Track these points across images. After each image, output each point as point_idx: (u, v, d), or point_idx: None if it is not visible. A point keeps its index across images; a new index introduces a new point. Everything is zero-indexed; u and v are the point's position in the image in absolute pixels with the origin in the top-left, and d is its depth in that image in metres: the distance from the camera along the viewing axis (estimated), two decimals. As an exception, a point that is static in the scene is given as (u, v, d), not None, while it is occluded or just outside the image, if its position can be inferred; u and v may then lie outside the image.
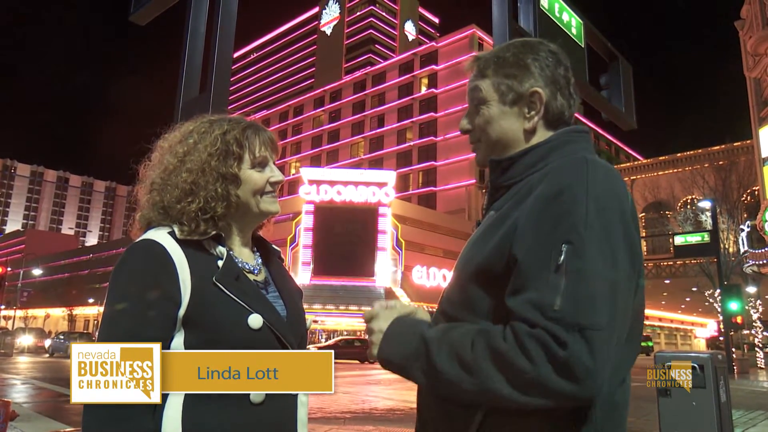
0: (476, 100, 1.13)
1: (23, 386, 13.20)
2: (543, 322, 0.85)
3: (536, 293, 0.88)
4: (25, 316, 54.45)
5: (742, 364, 21.23)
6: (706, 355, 3.60)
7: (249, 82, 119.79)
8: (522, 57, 1.10)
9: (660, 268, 37.09)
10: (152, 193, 1.15)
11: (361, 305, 33.57)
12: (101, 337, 1.03)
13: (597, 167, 0.97)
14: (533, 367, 0.84)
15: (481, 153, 1.15)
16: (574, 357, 0.82)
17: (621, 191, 0.96)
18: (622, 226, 0.93)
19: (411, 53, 60.03)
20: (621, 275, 0.90)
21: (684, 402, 3.49)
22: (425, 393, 1.09)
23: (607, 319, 0.85)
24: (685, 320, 61.36)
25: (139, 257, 1.06)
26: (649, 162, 48.10)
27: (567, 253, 0.88)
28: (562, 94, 1.10)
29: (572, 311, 0.84)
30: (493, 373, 0.87)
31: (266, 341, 1.08)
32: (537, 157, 1.05)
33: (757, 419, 8.59)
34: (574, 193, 0.92)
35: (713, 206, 22.51)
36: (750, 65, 30.53)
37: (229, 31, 4.24)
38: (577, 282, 0.86)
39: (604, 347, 0.83)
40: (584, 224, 0.89)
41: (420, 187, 55.05)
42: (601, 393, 0.85)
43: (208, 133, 1.17)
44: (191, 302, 1.04)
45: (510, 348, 0.86)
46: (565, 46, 6.06)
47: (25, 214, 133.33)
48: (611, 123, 7.55)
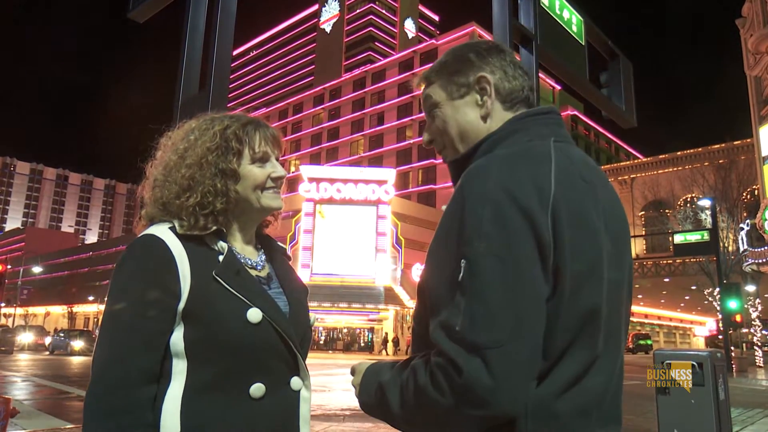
0: (430, 106, 1.12)
1: (24, 383, 13.21)
2: (447, 346, 0.83)
3: (445, 314, 0.86)
4: (25, 313, 54.48)
5: (741, 363, 21.26)
6: (704, 354, 3.61)
7: (248, 79, 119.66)
8: (461, 53, 1.10)
9: (659, 266, 37.11)
10: (154, 190, 1.16)
11: (360, 303, 33.61)
12: (103, 330, 1.04)
13: (504, 165, 0.90)
14: (443, 399, 0.83)
15: (450, 156, 1.11)
16: (471, 380, 0.80)
17: (534, 185, 0.87)
18: (527, 225, 0.84)
19: (411, 51, 59.97)
20: (524, 281, 0.83)
21: (683, 400, 3.49)
22: None
23: (508, 334, 0.81)
24: (684, 319, 61.43)
25: (140, 252, 1.06)
26: (649, 160, 48.10)
27: (464, 269, 0.84)
28: (511, 74, 1.07)
29: (470, 331, 0.81)
30: (419, 410, 0.88)
31: (266, 336, 1.07)
32: (482, 153, 1.00)
33: (755, 417, 8.61)
34: (472, 201, 0.87)
35: (713, 205, 22.50)
36: (750, 63, 30.49)
37: (229, 29, 4.23)
38: (473, 299, 0.82)
39: (505, 363, 0.80)
40: (477, 235, 0.84)
41: (420, 185, 55.05)
42: (516, 408, 0.82)
43: (209, 130, 1.18)
44: (191, 296, 1.04)
45: (426, 382, 0.86)
46: (565, 43, 6.07)
47: (25, 212, 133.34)
48: (611, 121, 7.54)
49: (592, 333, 0.91)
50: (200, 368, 1.04)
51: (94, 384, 1.00)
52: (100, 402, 0.98)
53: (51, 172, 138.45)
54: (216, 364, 1.04)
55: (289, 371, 1.12)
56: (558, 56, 5.80)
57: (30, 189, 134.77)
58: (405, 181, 54.79)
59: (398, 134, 57.62)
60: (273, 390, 1.08)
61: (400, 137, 57.42)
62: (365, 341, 36.00)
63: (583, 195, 0.92)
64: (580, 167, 0.96)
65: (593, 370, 0.91)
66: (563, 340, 0.88)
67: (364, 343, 35.90)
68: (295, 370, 1.13)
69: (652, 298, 45.74)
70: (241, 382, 1.05)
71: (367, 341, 35.95)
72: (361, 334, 36.16)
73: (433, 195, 53.39)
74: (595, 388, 0.91)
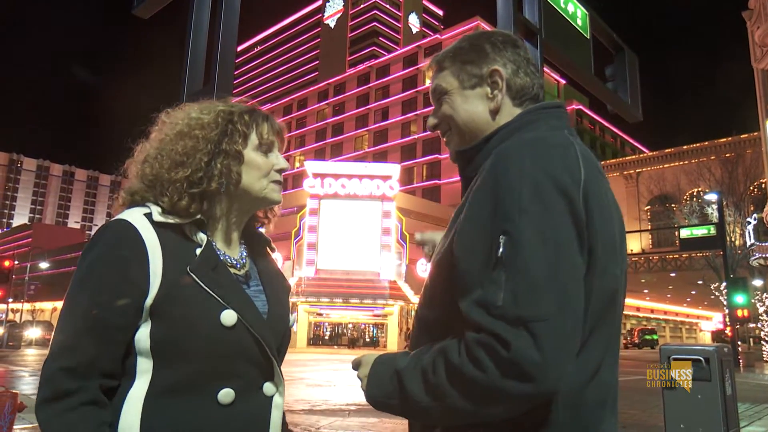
0: (438, 93, 1.12)
1: (31, 378, 13.31)
2: (487, 322, 0.81)
3: (480, 292, 0.84)
4: (32, 309, 54.86)
5: (748, 358, 21.18)
6: (711, 348, 3.59)
7: (253, 75, 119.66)
8: (477, 43, 1.09)
9: (665, 261, 36.94)
10: (143, 165, 1.08)
11: (365, 298, 33.65)
12: (62, 321, 0.97)
13: (539, 146, 0.92)
14: (484, 376, 0.80)
15: (454, 143, 1.12)
16: (519, 355, 0.78)
17: (563, 167, 0.89)
18: (565, 204, 0.86)
19: (415, 46, 59.77)
20: (565, 257, 0.84)
21: (689, 395, 3.48)
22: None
23: (555, 307, 0.80)
24: (691, 313, 61.17)
25: (109, 239, 0.99)
26: (655, 154, 47.81)
27: (504, 244, 0.83)
28: (524, 71, 1.07)
29: (514, 305, 0.80)
30: (452, 392, 0.85)
31: (240, 340, 1.00)
32: (499, 141, 1.00)
33: (763, 412, 8.57)
34: (509, 179, 0.87)
35: (719, 199, 22.39)
36: (758, 56, 30.21)
37: (233, 24, 4.23)
38: (516, 273, 0.81)
39: (552, 337, 0.79)
40: (518, 211, 0.84)
41: (424, 180, 54.97)
42: (559, 387, 0.80)
43: (212, 110, 1.13)
44: (160, 292, 0.96)
45: (462, 361, 0.83)
46: (570, 37, 6.03)
47: (32, 207, 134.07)
48: (617, 115, 7.50)
49: (610, 320, 0.93)
50: (166, 369, 0.97)
51: (47, 363, 0.95)
52: (49, 382, 0.93)
53: (57, 168, 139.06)
54: (183, 366, 0.97)
55: (263, 376, 1.05)
56: (563, 50, 5.77)
57: (36, 185, 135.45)
58: (410, 176, 54.72)
59: (403, 129, 57.52)
60: (243, 395, 1.01)
61: (404, 132, 57.32)
62: (370, 336, 36.07)
63: (601, 183, 0.95)
64: (594, 158, 0.98)
65: (608, 359, 0.93)
66: (590, 325, 0.89)
67: (370, 338, 35.97)
68: (269, 376, 1.06)
69: (658, 293, 45.55)
70: (210, 387, 0.98)
71: (372, 336, 36.01)
72: (366, 329, 36.22)
73: (437, 190, 53.31)
74: (609, 378, 0.93)
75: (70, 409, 0.91)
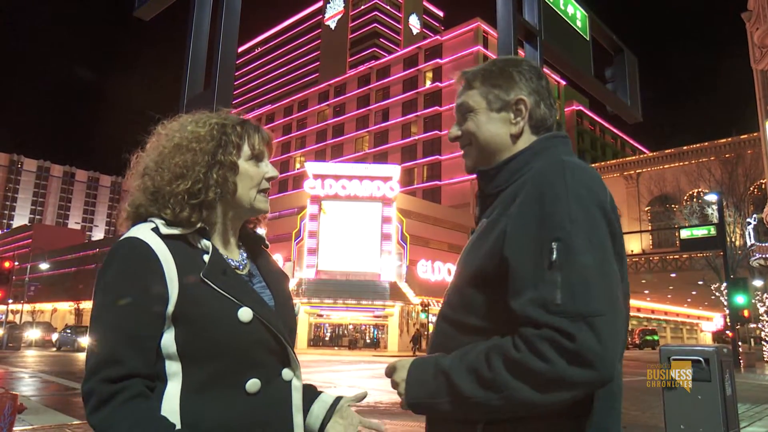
0: (465, 109, 1.21)
1: (31, 379, 13.32)
2: (547, 318, 0.91)
3: (536, 292, 0.93)
4: (32, 310, 54.89)
5: (749, 358, 21.18)
6: (711, 349, 3.59)
7: (253, 77, 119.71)
8: (507, 69, 1.19)
9: (666, 261, 36.94)
10: (144, 178, 1.14)
11: (366, 299, 33.64)
12: (93, 339, 1.02)
13: (574, 167, 1.04)
14: (549, 366, 0.89)
15: (472, 158, 1.23)
16: (584, 345, 0.88)
17: (598, 185, 1.04)
18: (603, 217, 1.00)
19: (415, 47, 59.81)
20: (610, 261, 0.97)
21: (689, 396, 3.48)
22: (432, 418, 1.14)
23: (607, 304, 0.91)
24: (691, 314, 61.17)
25: (124, 257, 1.05)
26: (655, 155, 47.83)
27: (558, 249, 0.94)
28: (545, 103, 1.19)
29: (573, 303, 0.90)
30: (516, 384, 0.93)
31: (257, 333, 1.08)
32: (521, 164, 1.13)
33: (763, 413, 8.56)
34: (556, 192, 0.99)
35: (719, 199, 22.38)
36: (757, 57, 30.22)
37: (233, 26, 4.23)
38: (572, 274, 0.92)
39: (608, 330, 0.89)
40: (569, 220, 0.95)
41: (425, 182, 54.99)
42: (614, 374, 0.91)
43: (207, 122, 1.18)
44: (179, 299, 1.04)
45: (523, 355, 0.92)
46: (570, 39, 6.04)
47: (32, 208, 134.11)
48: (617, 116, 7.50)
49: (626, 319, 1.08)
50: (195, 368, 1.04)
51: (87, 380, 0.99)
52: (94, 394, 0.97)
53: (58, 169, 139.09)
54: (210, 364, 1.04)
55: (281, 363, 1.14)
56: (562, 51, 5.78)
57: (37, 186, 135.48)
58: (410, 177, 54.75)
59: (403, 130, 57.55)
60: (267, 383, 1.10)
61: (405, 133, 57.34)
62: (371, 337, 36.05)
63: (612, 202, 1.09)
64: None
65: (621, 356, 1.04)
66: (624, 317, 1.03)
67: (370, 339, 35.95)
68: (286, 362, 1.15)
69: (658, 294, 45.56)
70: (237, 379, 1.06)
71: (372, 337, 36.00)
72: (367, 330, 36.20)
73: (438, 191, 53.32)
74: (619, 371, 1.04)
75: (121, 404, 0.96)
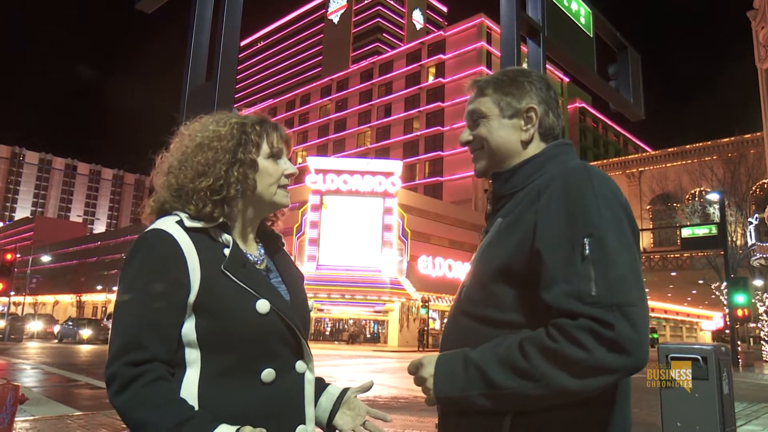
0: (477, 115, 1.27)
1: (33, 371, 13.38)
2: (584, 309, 0.95)
3: (570, 285, 0.98)
4: (34, 302, 55.05)
5: (748, 357, 21.19)
6: (709, 347, 3.60)
7: (256, 70, 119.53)
8: (518, 78, 1.25)
9: (666, 260, 36.93)
10: (168, 176, 1.19)
11: (366, 295, 33.70)
12: (117, 325, 1.05)
13: (595, 170, 1.11)
14: (588, 354, 0.94)
15: (482, 161, 1.29)
16: (621, 334, 0.93)
17: (618, 189, 1.10)
18: (625, 216, 1.06)
19: (418, 42, 59.65)
20: (636, 256, 1.03)
21: (686, 394, 3.49)
22: (448, 412, 1.15)
23: (638, 295, 0.97)
24: (691, 313, 61.15)
25: (149, 246, 1.09)
26: (657, 153, 47.74)
27: (590, 244, 0.99)
28: (553, 112, 1.25)
29: (608, 294, 0.95)
30: (555, 372, 0.97)
31: (274, 325, 1.13)
32: (535, 167, 1.19)
33: (760, 411, 8.59)
34: (584, 193, 1.05)
35: (721, 198, 22.34)
36: (762, 56, 30.10)
37: (236, 19, 4.23)
38: (605, 268, 0.97)
39: (641, 319, 0.95)
40: (599, 218, 1.01)
41: (426, 177, 54.96)
42: (646, 360, 0.97)
43: (227, 122, 1.23)
44: (201, 289, 1.08)
45: (561, 344, 0.96)
46: (573, 35, 6.02)
47: (34, 201, 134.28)
48: (620, 113, 7.49)
49: None
50: (213, 357, 1.08)
51: (110, 364, 1.01)
52: (116, 378, 1.00)
53: (60, 162, 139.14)
54: (229, 353, 1.09)
55: (295, 355, 1.18)
56: (566, 48, 5.76)
57: (39, 178, 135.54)
58: (412, 172, 54.71)
59: (405, 126, 57.47)
60: (281, 374, 1.14)
61: (407, 129, 57.26)
62: (371, 332, 36.13)
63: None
64: None
65: None
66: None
67: (370, 334, 36.03)
68: (300, 355, 1.19)
69: (658, 292, 45.55)
70: (254, 368, 1.10)
71: (373, 332, 36.07)
72: (367, 325, 36.28)
73: (439, 187, 53.29)
74: None
75: (143, 386, 1.00)
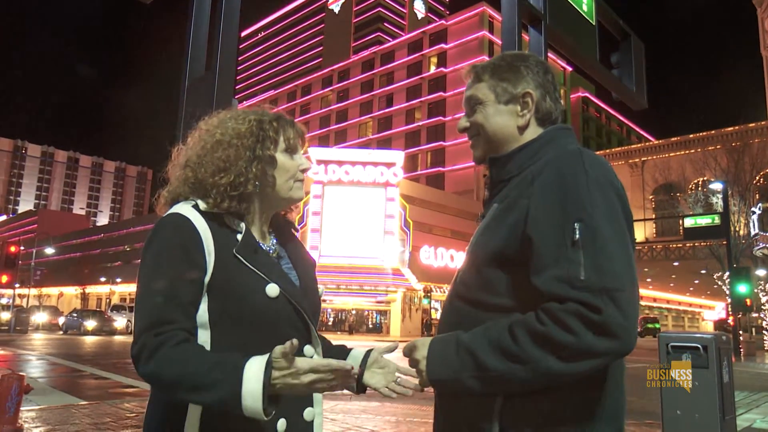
0: (474, 102, 1.27)
1: (38, 362, 13.49)
2: (573, 293, 0.96)
3: (560, 269, 0.99)
4: (39, 294, 55.31)
5: (749, 347, 21.24)
6: (709, 336, 3.61)
7: (257, 61, 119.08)
8: (515, 64, 1.25)
9: (669, 250, 36.90)
10: (186, 170, 1.22)
11: (368, 285, 33.77)
12: (141, 306, 1.09)
13: (589, 155, 1.11)
14: (576, 338, 0.94)
15: (480, 148, 1.28)
16: (609, 318, 0.94)
17: (612, 173, 1.10)
18: (618, 200, 1.06)
19: (420, 32, 59.29)
20: (627, 242, 1.03)
21: (687, 382, 3.50)
22: (443, 394, 1.17)
23: (628, 280, 0.98)
24: (694, 303, 61.20)
25: (169, 229, 1.13)
26: (660, 143, 47.52)
27: (581, 229, 1.00)
28: (550, 97, 1.25)
29: (597, 279, 0.96)
30: (542, 355, 0.98)
31: (283, 308, 1.16)
32: (532, 152, 1.19)
33: (760, 400, 8.62)
34: (576, 177, 1.05)
35: (725, 188, 22.26)
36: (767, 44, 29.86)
37: (235, 9, 4.20)
38: (595, 253, 0.98)
39: (629, 304, 0.96)
40: (590, 204, 1.01)
41: (428, 168, 54.85)
42: (634, 344, 0.98)
43: (246, 119, 1.26)
44: (215, 271, 1.12)
45: (550, 328, 0.97)
46: (575, 23, 5.97)
47: (37, 194, 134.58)
48: (623, 103, 7.45)
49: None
50: (223, 338, 1.12)
51: (137, 339, 1.05)
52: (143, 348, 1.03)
53: (62, 155, 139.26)
54: (238, 335, 1.12)
55: (303, 340, 1.20)
56: (568, 36, 5.72)
57: (41, 171, 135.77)
58: (414, 163, 54.59)
59: (407, 116, 57.27)
60: (294, 423, 1.16)
61: (408, 119, 57.07)
62: (373, 323, 36.26)
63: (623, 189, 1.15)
64: None
65: None
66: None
67: (372, 324, 36.16)
68: (308, 339, 1.22)
69: (661, 282, 45.58)
70: (261, 351, 1.10)
71: (375, 323, 36.20)
72: (369, 315, 36.41)
73: (441, 177, 53.21)
74: None
75: (170, 348, 1.03)
